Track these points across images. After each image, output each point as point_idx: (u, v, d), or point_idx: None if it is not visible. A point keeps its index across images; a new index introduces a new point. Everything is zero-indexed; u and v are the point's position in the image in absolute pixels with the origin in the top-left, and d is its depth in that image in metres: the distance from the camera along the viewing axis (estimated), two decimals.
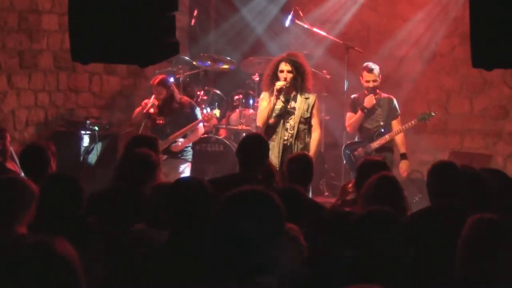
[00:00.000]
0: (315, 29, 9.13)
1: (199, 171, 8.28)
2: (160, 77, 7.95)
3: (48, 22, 8.78)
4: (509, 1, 3.88)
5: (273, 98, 6.88)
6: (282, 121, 6.94)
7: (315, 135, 7.02)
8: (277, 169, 6.82)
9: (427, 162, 9.77)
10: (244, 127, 8.92)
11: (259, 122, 7.05)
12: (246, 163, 5.15)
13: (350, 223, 3.24)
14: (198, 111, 8.03)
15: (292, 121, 6.94)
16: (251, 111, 9.03)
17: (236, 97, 9.19)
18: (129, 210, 4.33)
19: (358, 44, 9.25)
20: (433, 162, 9.85)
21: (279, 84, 6.85)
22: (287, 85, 6.89)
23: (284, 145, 6.89)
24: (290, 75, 6.90)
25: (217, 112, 8.23)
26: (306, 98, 6.99)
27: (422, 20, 9.78)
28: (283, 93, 6.93)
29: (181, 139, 7.88)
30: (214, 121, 9.01)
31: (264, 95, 7.07)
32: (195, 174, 8.00)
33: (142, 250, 3.55)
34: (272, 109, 6.92)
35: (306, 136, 7.02)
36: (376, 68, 7.75)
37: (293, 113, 6.96)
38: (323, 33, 9.24)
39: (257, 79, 9.17)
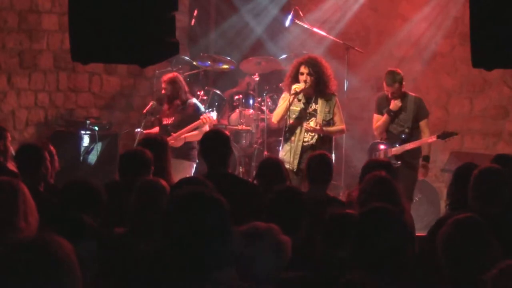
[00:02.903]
0: (315, 29, 9.13)
1: (199, 171, 8.27)
2: (170, 74, 7.97)
3: (48, 22, 8.78)
4: (509, 1, 3.88)
5: (290, 98, 6.89)
6: (302, 123, 6.94)
7: (340, 127, 7.07)
8: (294, 170, 6.84)
9: None
10: (244, 127, 8.92)
11: (274, 119, 7.13)
12: (215, 161, 5.14)
13: (351, 221, 3.24)
14: (201, 112, 7.99)
15: (313, 123, 6.94)
16: (251, 111, 9.03)
17: (236, 97, 9.20)
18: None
19: (358, 44, 9.25)
20: (433, 162, 9.92)
21: (297, 87, 6.86)
22: (307, 86, 6.88)
23: (304, 147, 6.90)
24: (309, 78, 6.91)
25: (213, 115, 8.22)
26: (328, 100, 7.00)
27: (422, 20, 9.78)
28: (302, 95, 6.94)
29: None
30: (214, 121, 9.01)
31: (285, 95, 7.09)
32: (195, 174, 7.99)
33: (137, 248, 3.55)
34: (288, 109, 6.92)
35: (332, 139, 7.08)
36: (396, 81, 7.29)
37: (314, 115, 6.96)
38: (323, 33, 9.24)
39: (257, 79, 9.18)
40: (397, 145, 7.42)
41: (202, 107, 8.09)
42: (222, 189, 3.63)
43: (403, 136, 7.43)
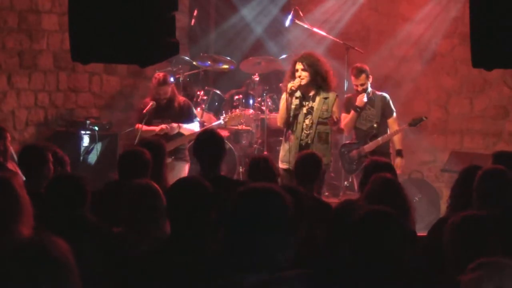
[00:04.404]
0: (315, 29, 9.13)
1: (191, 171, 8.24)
2: (163, 75, 7.74)
3: (48, 22, 8.77)
4: (509, 1, 3.88)
5: (288, 98, 6.84)
6: (299, 121, 6.88)
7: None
8: (290, 169, 6.79)
9: (427, 162, 9.79)
10: (244, 127, 8.92)
11: (279, 122, 7.04)
12: (206, 162, 5.13)
13: (351, 222, 3.23)
14: (194, 110, 8.00)
15: (309, 121, 6.87)
16: (251, 111, 9.03)
17: (236, 97, 9.20)
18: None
19: (358, 44, 9.26)
20: (433, 162, 9.91)
21: (292, 85, 6.81)
22: (302, 82, 6.82)
23: (300, 145, 6.83)
24: (305, 74, 6.81)
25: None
26: (325, 98, 6.89)
27: (422, 20, 9.78)
28: (300, 92, 6.88)
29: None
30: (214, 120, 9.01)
31: (284, 96, 7.00)
32: (195, 174, 7.98)
33: (141, 248, 3.55)
34: (288, 108, 6.86)
35: (329, 137, 6.94)
36: (363, 72, 7.61)
37: (310, 113, 6.89)
38: (323, 33, 9.24)
39: (257, 79, 9.19)
40: (369, 141, 7.63)
41: (192, 105, 8.05)
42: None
43: (374, 131, 7.64)
